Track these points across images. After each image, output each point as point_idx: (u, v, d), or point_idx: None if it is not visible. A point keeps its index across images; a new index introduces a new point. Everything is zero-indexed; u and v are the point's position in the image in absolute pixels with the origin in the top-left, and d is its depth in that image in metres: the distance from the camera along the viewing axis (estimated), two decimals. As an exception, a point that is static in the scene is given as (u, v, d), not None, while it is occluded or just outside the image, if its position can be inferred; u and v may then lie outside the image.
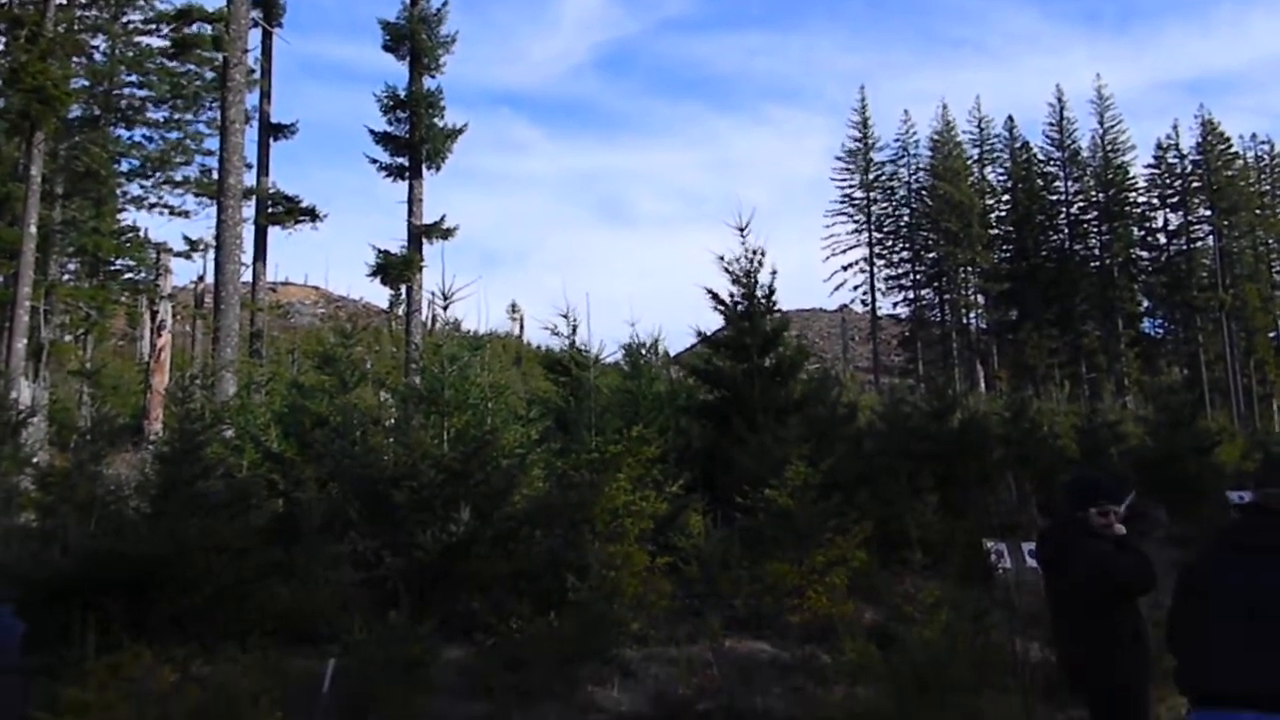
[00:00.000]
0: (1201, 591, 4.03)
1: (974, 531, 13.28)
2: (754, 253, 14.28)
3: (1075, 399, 37.71)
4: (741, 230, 14.12)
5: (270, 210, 30.02)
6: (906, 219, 68.90)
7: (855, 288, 66.56)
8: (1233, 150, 65.57)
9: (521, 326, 51.60)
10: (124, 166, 31.77)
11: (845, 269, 66.78)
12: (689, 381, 18.01)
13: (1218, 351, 58.30)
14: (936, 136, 68.01)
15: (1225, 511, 19.40)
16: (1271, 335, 63.93)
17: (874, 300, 65.13)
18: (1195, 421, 23.14)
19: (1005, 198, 68.83)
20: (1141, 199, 66.22)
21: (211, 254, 26.18)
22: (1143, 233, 66.42)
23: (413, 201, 27.91)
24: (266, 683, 6.76)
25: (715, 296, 14.58)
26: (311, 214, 30.30)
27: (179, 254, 31.06)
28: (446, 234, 27.85)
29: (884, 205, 69.28)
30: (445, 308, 11.58)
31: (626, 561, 9.17)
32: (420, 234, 27.61)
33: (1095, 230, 65.65)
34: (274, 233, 30.66)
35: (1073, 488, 5.31)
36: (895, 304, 67.03)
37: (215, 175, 25.14)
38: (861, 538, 11.28)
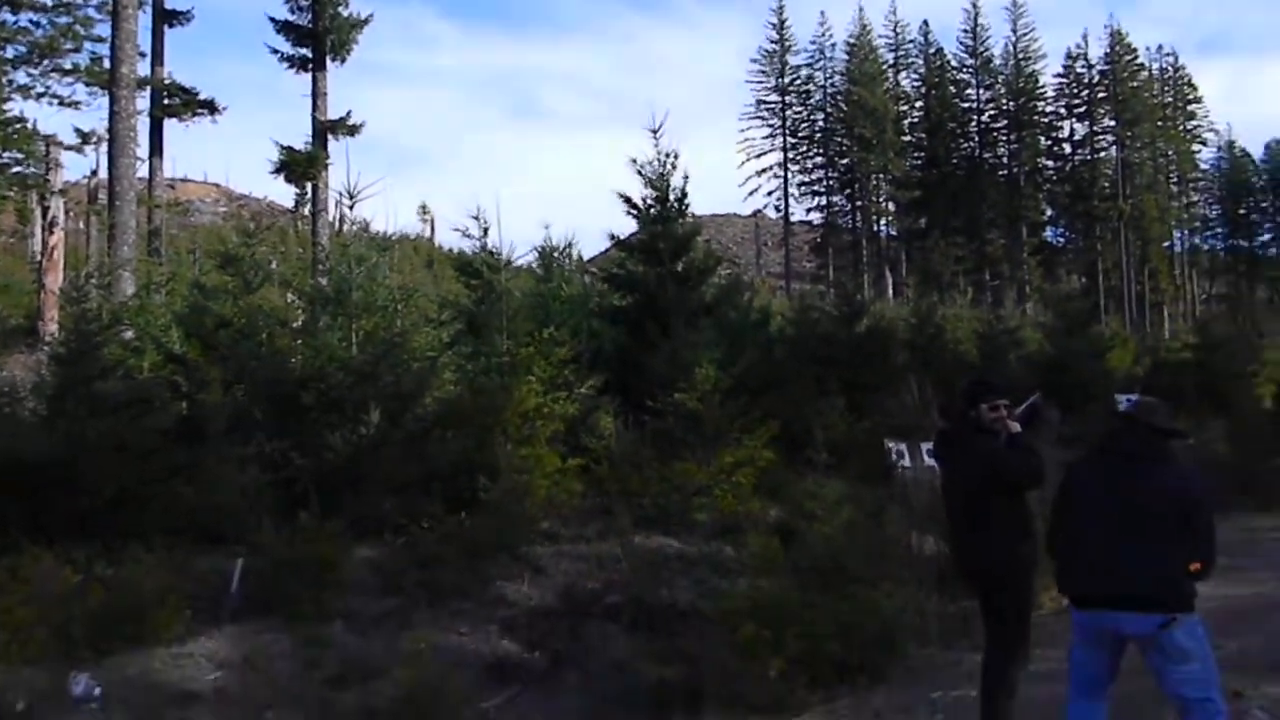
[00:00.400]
0: (1076, 498, 4.26)
1: (876, 433, 13.73)
2: (667, 156, 14.11)
3: (979, 305, 38.80)
4: (655, 133, 13.94)
5: (166, 102, 28.66)
6: (821, 124, 68.87)
7: (769, 193, 66.75)
8: (1138, 61, 66.91)
9: (433, 229, 50.60)
10: (9, 53, 29.86)
11: (760, 174, 66.81)
12: (602, 285, 18.02)
13: (1115, 260, 60.25)
14: (853, 40, 67.63)
15: (1112, 415, 20.43)
16: (1166, 245, 66.35)
17: (787, 206, 65.47)
18: (1090, 328, 24.09)
19: (919, 104, 69.28)
20: (1050, 108, 67.39)
21: (104, 147, 24.89)
22: (1049, 142, 67.74)
23: (317, 95, 26.88)
24: (173, 582, 6.73)
25: (628, 200, 14.45)
26: (210, 107, 29.02)
27: (70, 147, 29.43)
28: (353, 130, 26.96)
29: (799, 110, 69.09)
30: (352, 207, 11.29)
31: (538, 463, 9.26)
32: (325, 130, 26.68)
33: (1004, 139, 66.68)
34: (171, 126, 29.32)
35: (965, 387, 5.52)
36: (809, 210, 67.52)
37: (107, 63, 23.75)
38: (767, 438, 11.58)
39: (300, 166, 26.35)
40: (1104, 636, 4.13)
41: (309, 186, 28.50)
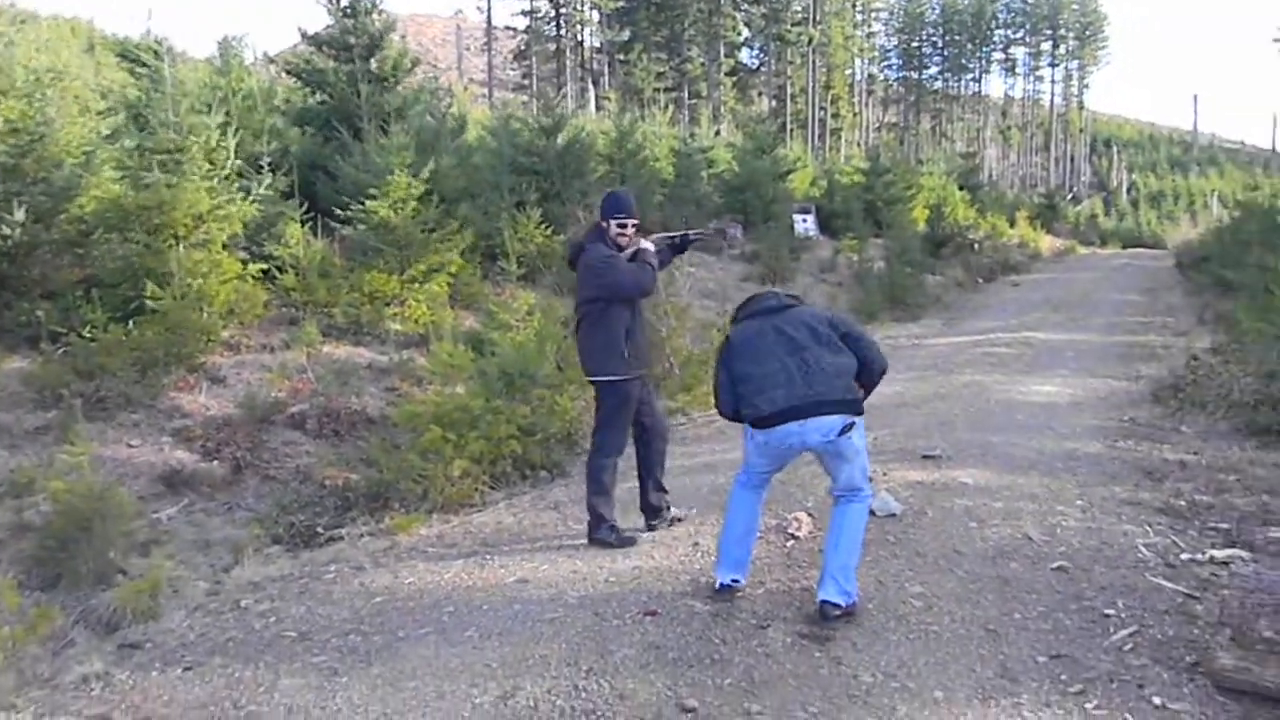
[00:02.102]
0: (740, 349, 4.56)
1: (570, 245, 13.99)
2: (361, -58, 13.12)
3: (677, 124, 39.64)
4: (347, -86, 12.84)
5: None
6: (527, -78, 65.83)
7: (473, -7, 63.69)
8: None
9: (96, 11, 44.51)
10: None
11: (464, -29, 63.45)
12: (289, 83, 16.75)
13: (802, 86, 63.12)
14: None
15: (789, 230, 21.83)
16: (849, 73, 70.18)
17: (490, 8, 62.92)
18: (776, 150, 25.39)
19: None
20: (749, -70, 67.87)
21: None
22: (750, -38, 68.61)
23: None
24: None
25: (317, -12, 13.37)
26: None
27: None
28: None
29: (506, -94, 65.64)
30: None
31: (214, 269, 8.71)
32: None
33: (708, -44, 66.79)
34: None
35: (604, 201, 5.67)
36: (512, 14, 65.18)
37: None
38: (460, 247, 11.51)
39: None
40: (785, 450, 4.52)
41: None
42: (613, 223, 5.47)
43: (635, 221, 5.54)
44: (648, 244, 5.54)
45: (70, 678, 4.09)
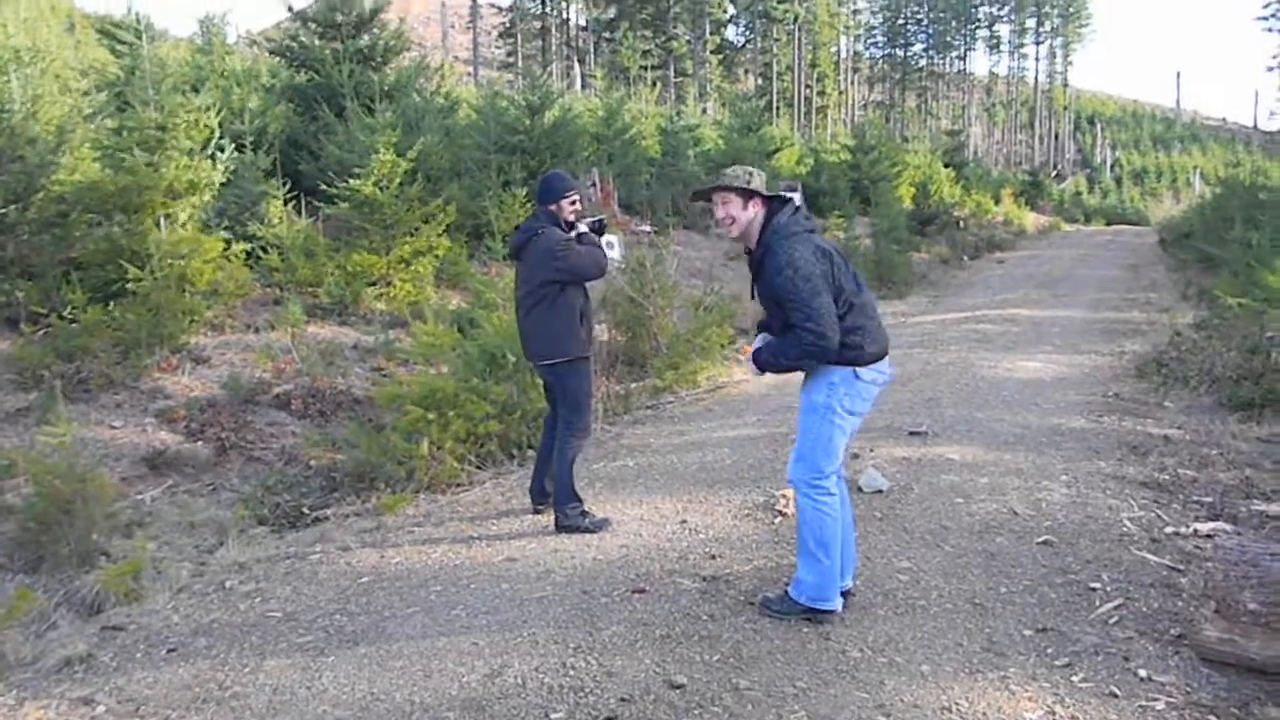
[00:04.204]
0: (848, 272, 4.14)
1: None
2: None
3: (663, 103, 39.47)
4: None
5: None
6: (513, -100, 65.26)
7: (458, -30, 63.10)
8: None
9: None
10: None
11: (448, -51, 62.77)
12: (273, 61, 16.57)
13: (788, 63, 62.89)
14: None
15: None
16: (834, 50, 69.90)
17: (476, -15, 62.24)
18: (762, 129, 25.29)
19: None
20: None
21: None
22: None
23: None
24: None
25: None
26: None
27: None
28: None
29: (491, -117, 65.00)
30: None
31: (196, 249, 8.61)
32: None
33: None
34: None
35: (547, 184, 5.50)
36: (498, -9, 64.62)
37: None
38: (445, 225, 11.41)
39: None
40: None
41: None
42: (564, 202, 5.43)
43: (578, 196, 5.52)
44: (583, 227, 5.50)
45: (53, 661, 4.04)
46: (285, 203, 10.69)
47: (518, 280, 5.51)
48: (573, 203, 5.46)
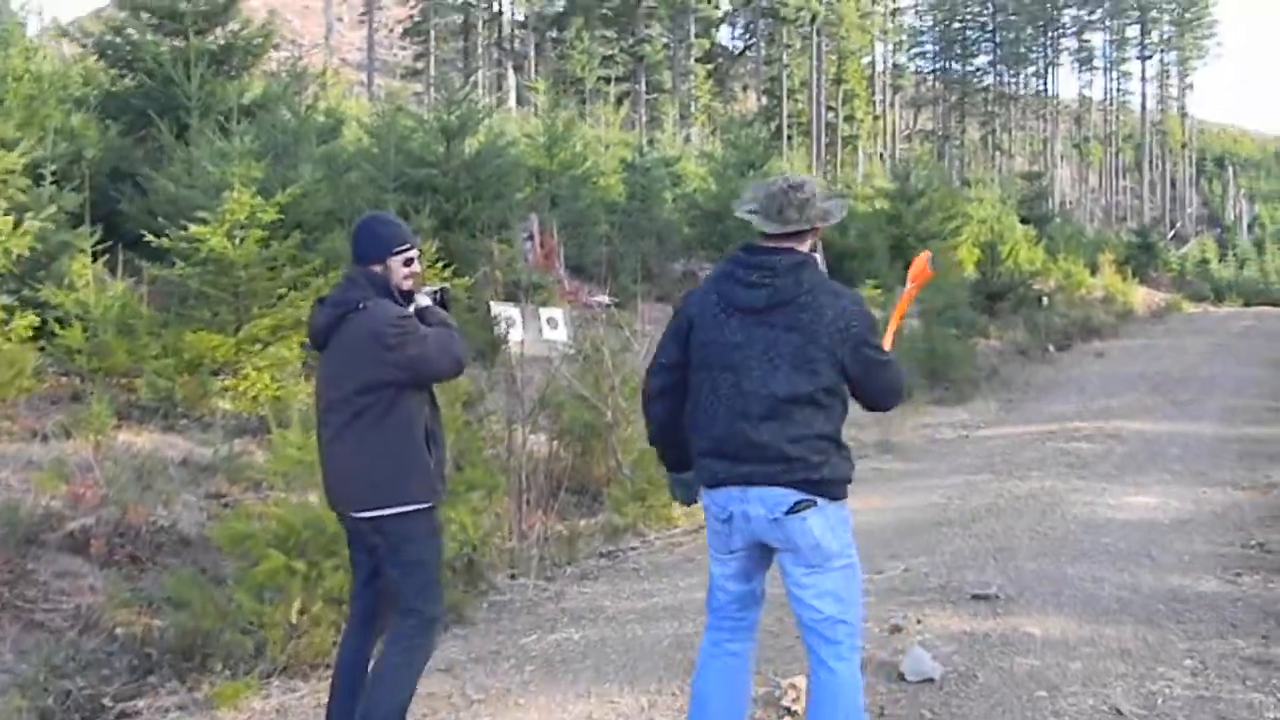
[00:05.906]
0: None
1: (480, 293, 14.03)
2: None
3: (630, 127, 40.20)
4: None
5: None
6: None
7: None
8: None
9: None
10: None
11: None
12: (91, 62, 16.78)
13: (804, 78, 64.34)
14: None
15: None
16: (867, 61, 71.53)
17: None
18: (768, 163, 25.77)
19: None
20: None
21: None
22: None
23: None
24: None
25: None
26: None
27: None
28: None
29: None
30: None
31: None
32: None
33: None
34: None
35: (364, 233, 4.88)
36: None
37: None
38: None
39: None
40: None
41: None
42: (394, 260, 4.70)
43: (417, 254, 4.87)
44: (423, 298, 4.88)
45: None
46: (95, 258, 10.68)
47: (320, 384, 4.85)
48: (408, 261, 4.74)
